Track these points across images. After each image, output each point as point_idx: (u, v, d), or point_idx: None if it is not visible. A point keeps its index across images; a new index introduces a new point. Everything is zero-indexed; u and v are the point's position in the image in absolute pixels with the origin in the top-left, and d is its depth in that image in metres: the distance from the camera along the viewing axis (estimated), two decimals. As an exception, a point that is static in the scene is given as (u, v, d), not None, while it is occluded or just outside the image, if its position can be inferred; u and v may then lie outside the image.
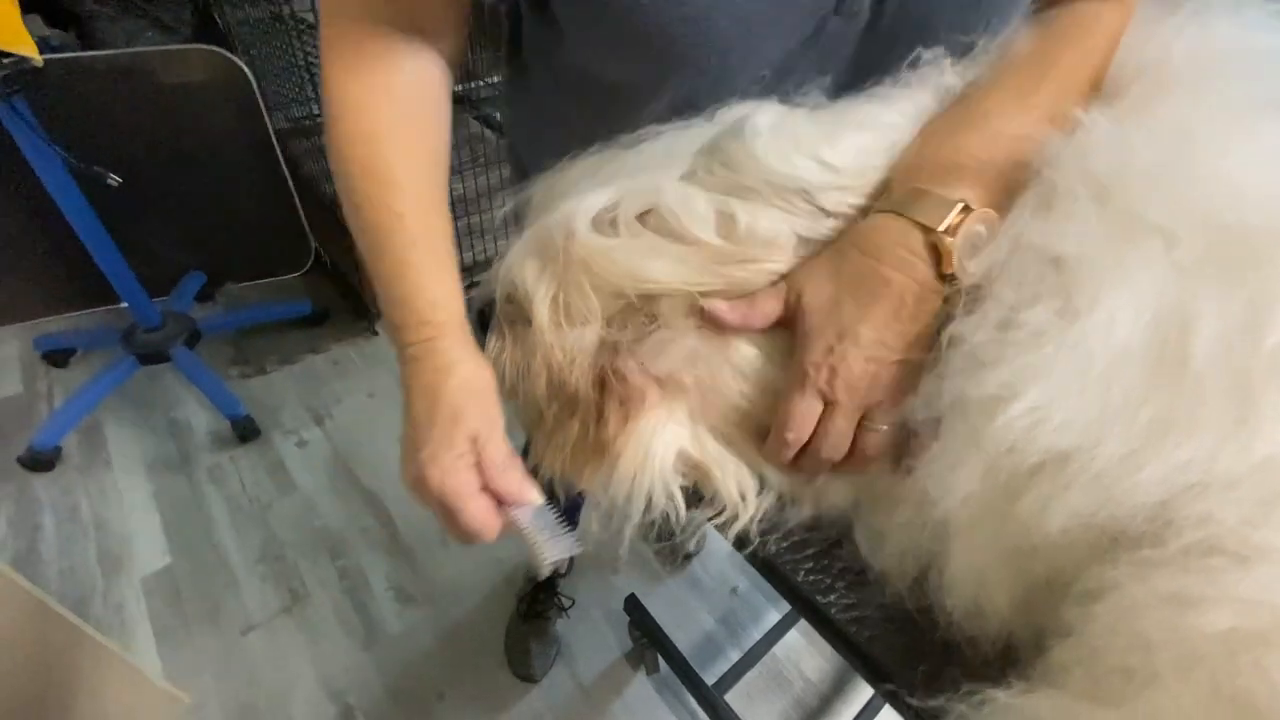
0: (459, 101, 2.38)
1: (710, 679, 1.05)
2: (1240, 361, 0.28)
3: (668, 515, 0.38)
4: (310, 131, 1.91)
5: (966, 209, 0.33)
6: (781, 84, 0.42)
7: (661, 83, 0.43)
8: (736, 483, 0.38)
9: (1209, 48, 0.39)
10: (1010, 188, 0.34)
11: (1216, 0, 0.40)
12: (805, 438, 0.35)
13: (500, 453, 0.37)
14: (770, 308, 0.36)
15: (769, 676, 1.18)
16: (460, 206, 1.80)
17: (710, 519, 0.39)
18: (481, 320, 0.44)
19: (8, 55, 1.05)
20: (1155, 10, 0.42)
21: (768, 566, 0.41)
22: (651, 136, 0.41)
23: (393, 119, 0.41)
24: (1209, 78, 0.37)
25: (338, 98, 0.41)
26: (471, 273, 1.87)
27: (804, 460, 0.37)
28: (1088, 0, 0.40)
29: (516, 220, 0.45)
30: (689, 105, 0.41)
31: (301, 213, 1.73)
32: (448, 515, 0.35)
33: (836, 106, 0.40)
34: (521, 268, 0.40)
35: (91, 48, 1.51)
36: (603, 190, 0.39)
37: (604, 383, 0.39)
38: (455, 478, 0.35)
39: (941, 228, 0.33)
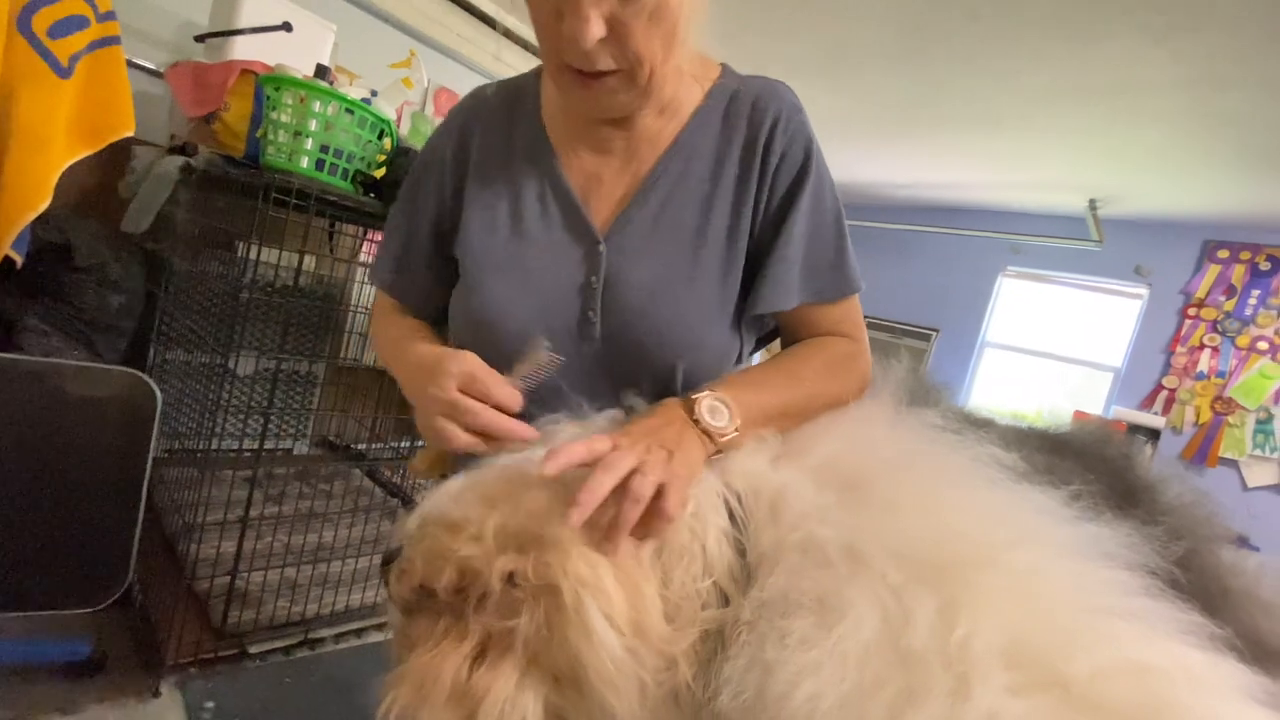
0: (359, 458, 2.51)
1: None
2: (943, 646, 0.40)
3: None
4: (186, 464, 1.91)
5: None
6: (569, 382, 0.65)
7: (495, 366, 0.68)
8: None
9: (908, 448, 0.61)
10: (762, 423, 0.59)
11: (912, 418, 0.64)
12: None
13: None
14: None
15: None
16: (326, 550, 1.75)
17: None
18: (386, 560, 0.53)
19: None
20: (874, 422, 0.65)
21: None
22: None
23: (396, 313, 0.80)
24: (906, 467, 0.57)
25: (376, 312, 0.82)
26: (323, 623, 1.70)
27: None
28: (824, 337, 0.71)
29: None
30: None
31: (136, 541, 1.60)
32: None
33: None
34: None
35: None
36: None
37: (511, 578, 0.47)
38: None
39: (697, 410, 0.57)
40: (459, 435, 0.55)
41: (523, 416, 0.59)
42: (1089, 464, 0.72)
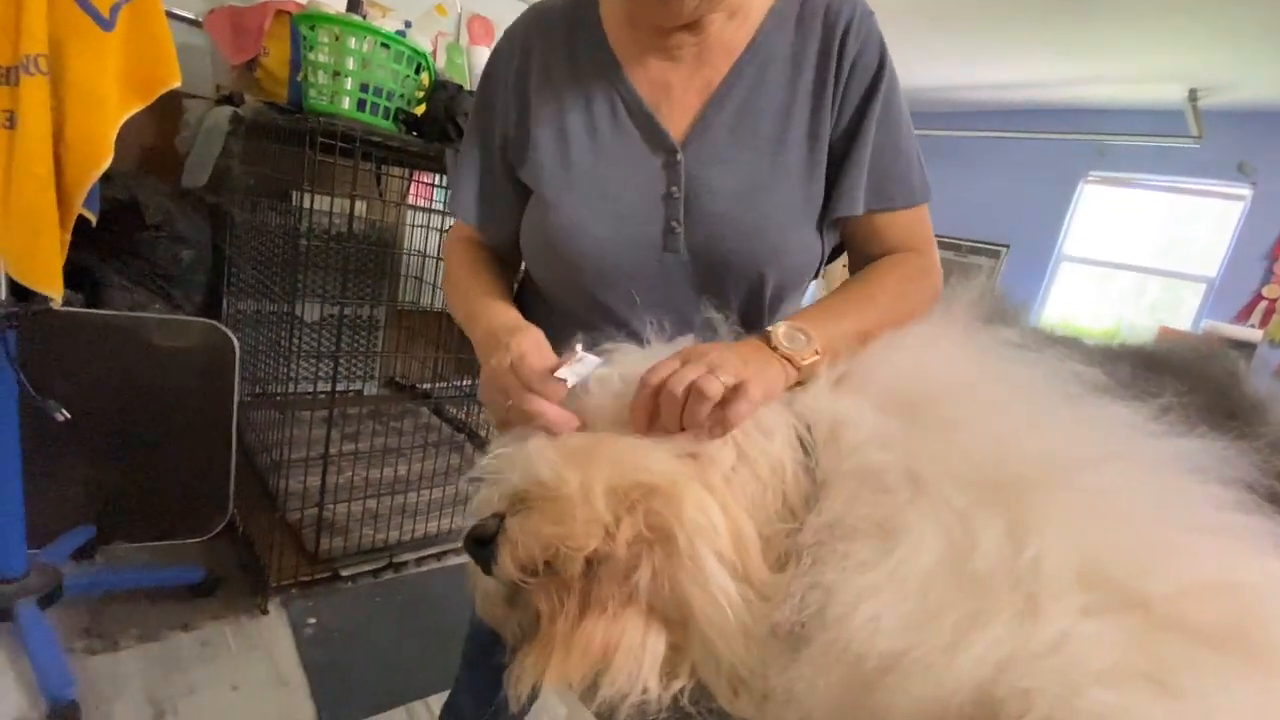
0: (424, 397, 2.61)
1: None
2: (1011, 568, 0.39)
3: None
4: (268, 407, 2.04)
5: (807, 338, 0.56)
6: (650, 297, 0.65)
7: (568, 287, 0.70)
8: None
9: (977, 366, 0.57)
10: (842, 348, 0.56)
11: (984, 336, 0.60)
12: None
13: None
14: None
15: None
16: (402, 482, 1.86)
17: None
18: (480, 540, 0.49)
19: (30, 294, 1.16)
20: (942, 342, 0.62)
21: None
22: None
23: (469, 261, 0.76)
24: (973, 386, 0.54)
25: (450, 253, 0.79)
26: (405, 548, 1.83)
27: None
28: (895, 252, 0.69)
29: None
30: (594, 320, 0.64)
31: (233, 477, 1.74)
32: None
33: None
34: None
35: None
36: None
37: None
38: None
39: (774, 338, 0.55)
40: (502, 412, 0.55)
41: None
42: (1189, 382, 0.67)
